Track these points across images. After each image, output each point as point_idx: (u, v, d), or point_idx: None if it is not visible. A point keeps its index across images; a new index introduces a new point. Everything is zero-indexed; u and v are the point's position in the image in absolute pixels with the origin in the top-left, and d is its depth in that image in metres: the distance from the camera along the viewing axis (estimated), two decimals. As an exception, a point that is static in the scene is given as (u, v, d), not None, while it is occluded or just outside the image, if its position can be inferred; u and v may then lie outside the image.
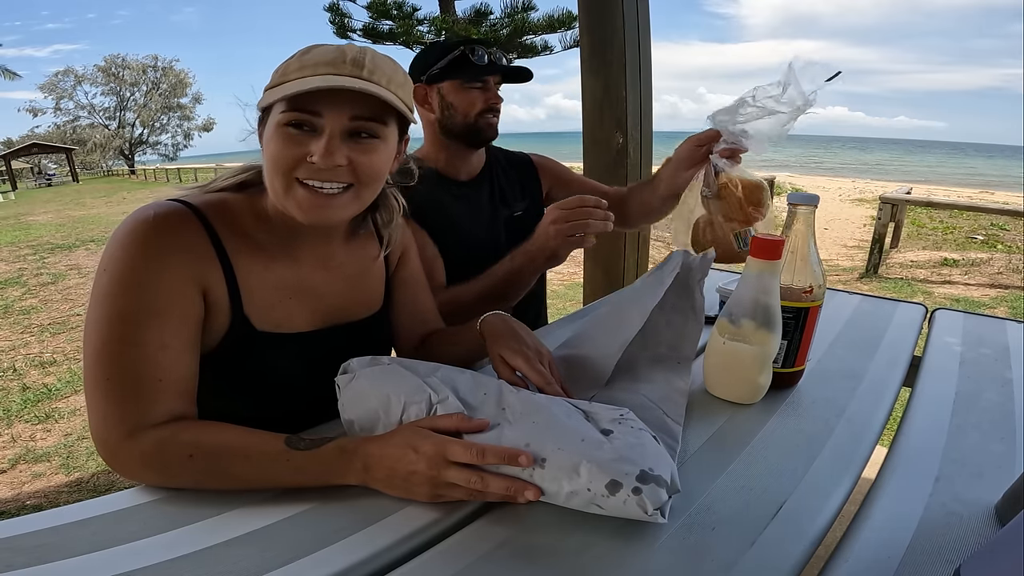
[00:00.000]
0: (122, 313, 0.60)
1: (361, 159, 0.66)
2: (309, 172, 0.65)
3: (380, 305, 0.86)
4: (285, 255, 0.74)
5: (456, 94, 1.12)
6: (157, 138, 47.77)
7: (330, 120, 0.64)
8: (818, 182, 15.97)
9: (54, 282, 5.58)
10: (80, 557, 0.47)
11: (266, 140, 0.66)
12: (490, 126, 1.16)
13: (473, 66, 1.10)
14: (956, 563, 0.44)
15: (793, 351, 0.76)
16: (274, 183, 0.67)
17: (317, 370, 0.72)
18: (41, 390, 3.10)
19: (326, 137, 0.63)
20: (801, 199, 0.73)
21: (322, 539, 0.50)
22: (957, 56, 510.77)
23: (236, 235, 0.70)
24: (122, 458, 0.57)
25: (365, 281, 0.84)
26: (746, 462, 0.62)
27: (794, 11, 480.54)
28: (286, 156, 0.64)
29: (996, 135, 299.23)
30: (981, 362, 0.89)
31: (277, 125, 0.64)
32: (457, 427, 0.57)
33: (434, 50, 1.13)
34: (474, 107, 1.12)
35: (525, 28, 7.69)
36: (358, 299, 0.83)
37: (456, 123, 1.13)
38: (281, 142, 0.64)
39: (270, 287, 0.72)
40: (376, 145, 0.68)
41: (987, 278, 4.99)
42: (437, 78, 1.11)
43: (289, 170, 0.65)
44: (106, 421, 0.58)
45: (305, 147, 0.64)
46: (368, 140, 0.67)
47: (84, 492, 2.17)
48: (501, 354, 0.73)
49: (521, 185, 1.32)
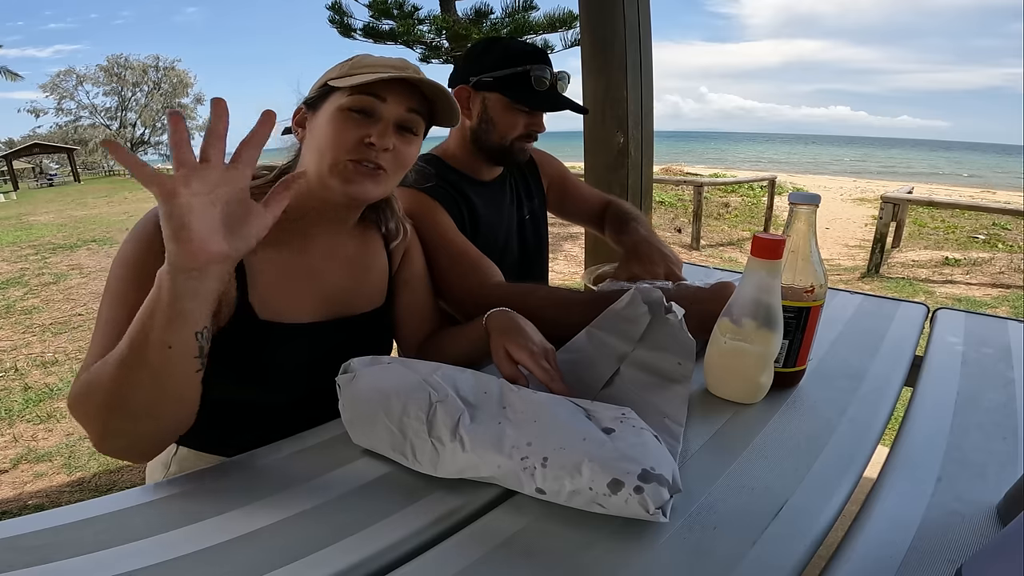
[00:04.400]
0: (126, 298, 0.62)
1: (402, 148, 0.75)
2: (360, 153, 0.72)
3: (382, 301, 0.87)
4: (296, 241, 0.77)
5: (500, 111, 1.05)
6: (159, 138, 47.81)
7: (391, 107, 0.73)
8: (819, 181, 15.97)
9: (56, 282, 5.58)
10: (82, 557, 0.47)
11: (320, 124, 0.73)
12: (523, 151, 1.10)
13: (532, 92, 1.02)
14: (958, 563, 0.44)
15: (794, 351, 0.76)
16: (324, 159, 0.72)
17: (318, 361, 0.74)
18: (43, 390, 3.11)
19: (384, 122, 0.73)
20: (802, 198, 0.72)
21: (322, 539, 0.50)
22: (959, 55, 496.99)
23: None
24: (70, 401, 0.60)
25: (369, 275, 0.86)
26: (747, 462, 0.62)
27: (795, 11, 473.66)
28: (346, 137, 0.71)
29: (999, 134, 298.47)
30: (983, 362, 0.89)
31: (339, 109, 0.72)
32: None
33: (494, 53, 1.05)
34: (514, 131, 1.06)
35: (526, 27, 7.69)
36: (362, 292, 0.84)
37: (490, 140, 1.07)
38: (341, 123, 0.71)
39: (278, 273, 0.75)
40: (415, 140, 0.77)
41: (989, 278, 4.98)
42: (486, 86, 1.04)
43: (347, 150, 0.72)
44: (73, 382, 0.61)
45: (363, 129, 0.72)
46: (410, 135, 0.76)
47: (86, 492, 2.17)
48: (507, 348, 0.73)
49: (527, 185, 1.29)
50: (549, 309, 0.89)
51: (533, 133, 1.09)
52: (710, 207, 7.91)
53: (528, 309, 0.81)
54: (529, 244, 1.28)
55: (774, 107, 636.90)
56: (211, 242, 0.50)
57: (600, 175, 1.99)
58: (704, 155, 41.83)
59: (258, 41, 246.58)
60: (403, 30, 7.75)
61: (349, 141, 0.71)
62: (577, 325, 0.83)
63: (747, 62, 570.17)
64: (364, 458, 0.63)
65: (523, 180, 1.28)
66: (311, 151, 0.74)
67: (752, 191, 9.44)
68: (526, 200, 1.27)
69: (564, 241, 6.12)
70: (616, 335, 0.79)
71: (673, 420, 0.67)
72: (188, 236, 0.49)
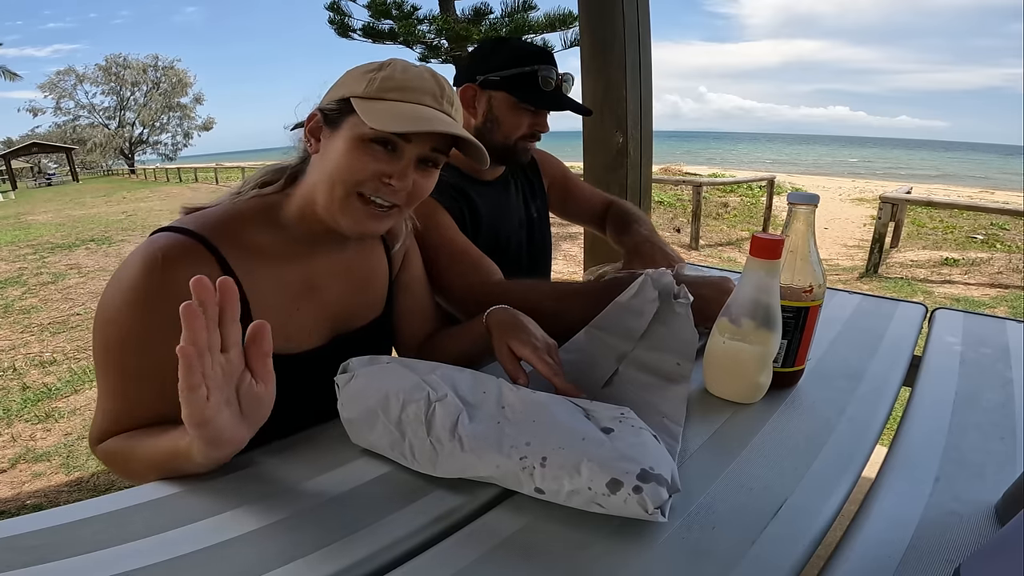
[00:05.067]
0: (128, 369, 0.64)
1: (420, 182, 0.71)
2: (375, 189, 0.68)
3: (382, 308, 0.86)
4: (298, 261, 0.74)
5: (505, 110, 1.05)
6: (157, 138, 47.76)
7: (414, 147, 0.68)
8: (818, 181, 15.99)
9: (54, 281, 5.57)
10: (80, 557, 0.47)
11: (336, 149, 0.67)
12: (526, 151, 1.10)
13: (539, 92, 1.03)
14: (956, 563, 0.44)
15: (793, 351, 0.76)
16: (333, 191, 0.68)
17: (320, 383, 0.70)
18: (41, 390, 3.10)
19: (406, 161, 0.68)
20: (801, 198, 0.72)
21: (322, 539, 0.50)
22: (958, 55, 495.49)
23: (248, 251, 0.69)
24: (98, 458, 0.68)
25: (371, 284, 0.84)
26: (746, 461, 0.62)
27: (794, 11, 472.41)
28: (363, 169, 0.67)
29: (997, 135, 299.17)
30: (981, 362, 0.89)
31: (360, 138, 0.66)
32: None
33: (502, 54, 1.05)
34: (518, 130, 1.06)
35: (525, 27, 7.69)
36: (364, 302, 0.83)
37: (494, 139, 1.07)
38: (360, 154, 0.66)
39: (281, 300, 0.72)
40: (434, 173, 0.73)
41: (987, 278, 4.99)
42: (493, 85, 1.04)
43: (358, 183, 0.67)
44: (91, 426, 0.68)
45: (383, 165, 0.67)
46: (431, 168, 0.72)
47: (84, 492, 2.17)
48: (509, 344, 0.72)
49: (531, 185, 1.29)
50: (550, 303, 0.90)
51: (537, 133, 1.09)
52: (709, 207, 7.92)
53: (529, 305, 0.81)
54: (536, 243, 1.28)
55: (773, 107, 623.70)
56: (237, 437, 0.55)
57: (599, 175, 2.00)
58: (703, 155, 41.86)
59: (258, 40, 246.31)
60: (402, 30, 7.75)
61: (365, 173, 0.67)
62: (579, 319, 0.83)
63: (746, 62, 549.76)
64: (363, 458, 0.63)
65: (527, 180, 1.28)
66: (322, 172, 0.70)
67: (751, 191, 9.45)
68: (531, 199, 1.27)
69: (563, 241, 6.12)
70: (617, 333, 0.79)
71: (672, 420, 0.67)
72: (219, 441, 0.54)
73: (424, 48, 8.08)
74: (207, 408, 0.50)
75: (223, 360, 0.51)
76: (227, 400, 0.52)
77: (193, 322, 0.47)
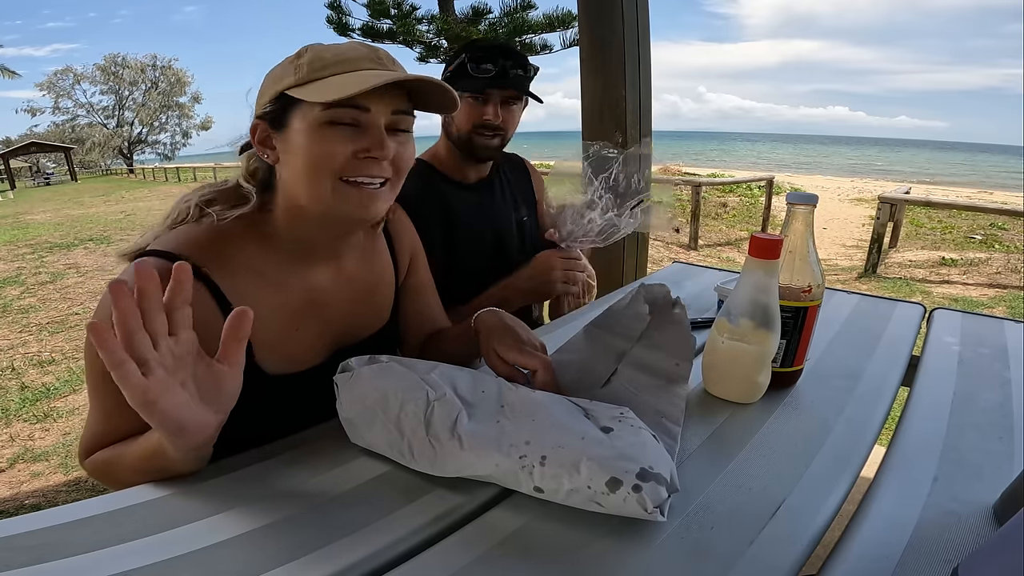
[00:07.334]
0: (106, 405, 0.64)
1: (399, 150, 0.67)
2: (355, 169, 0.64)
3: (389, 316, 0.84)
4: (294, 276, 0.72)
5: None
6: (156, 137, 47.69)
7: (376, 114, 0.64)
8: (817, 182, 16.01)
9: (52, 281, 5.56)
10: (79, 556, 0.47)
11: (298, 145, 0.64)
12: (485, 146, 1.11)
13: (469, 77, 1.06)
14: (954, 563, 0.44)
15: (792, 350, 0.76)
16: (320, 185, 0.64)
17: (327, 402, 0.68)
18: (40, 389, 3.10)
19: (376, 129, 0.64)
20: (800, 198, 0.73)
21: (322, 539, 0.50)
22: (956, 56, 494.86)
23: (239, 273, 0.67)
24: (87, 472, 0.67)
25: (377, 292, 0.83)
26: (745, 461, 0.62)
27: (793, 11, 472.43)
28: (337, 154, 0.63)
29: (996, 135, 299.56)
30: (979, 362, 0.89)
31: (317, 123, 0.62)
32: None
33: (462, 50, 1.09)
34: (467, 121, 1.09)
35: (524, 27, 7.69)
36: (369, 312, 0.82)
37: (452, 133, 1.12)
38: (326, 140, 0.63)
39: (282, 320, 0.70)
40: (409, 138, 0.69)
41: (986, 278, 4.99)
42: (448, 81, 1.06)
43: (339, 169, 0.64)
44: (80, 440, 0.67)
45: (353, 144, 0.63)
46: (403, 134, 0.68)
47: (82, 491, 2.16)
48: (495, 348, 0.71)
49: (523, 190, 1.32)
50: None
51: (489, 124, 1.09)
52: (708, 207, 7.92)
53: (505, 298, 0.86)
54: (527, 247, 1.28)
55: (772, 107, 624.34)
56: (201, 421, 0.52)
57: (598, 175, 1.99)
58: (702, 155, 41.88)
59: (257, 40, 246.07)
60: (401, 29, 7.75)
61: (341, 157, 0.63)
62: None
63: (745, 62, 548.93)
64: (362, 457, 0.63)
65: (519, 186, 1.30)
66: (295, 176, 0.66)
67: (750, 191, 9.46)
68: (522, 202, 1.29)
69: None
70: (616, 333, 0.79)
71: (671, 420, 0.67)
72: (182, 428, 0.51)
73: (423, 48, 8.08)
74: (148, 390, 0.47)
75: (173, 343, 0.50)
76: (182, 383, 0.50)
77: (119, 300, 0.46)
